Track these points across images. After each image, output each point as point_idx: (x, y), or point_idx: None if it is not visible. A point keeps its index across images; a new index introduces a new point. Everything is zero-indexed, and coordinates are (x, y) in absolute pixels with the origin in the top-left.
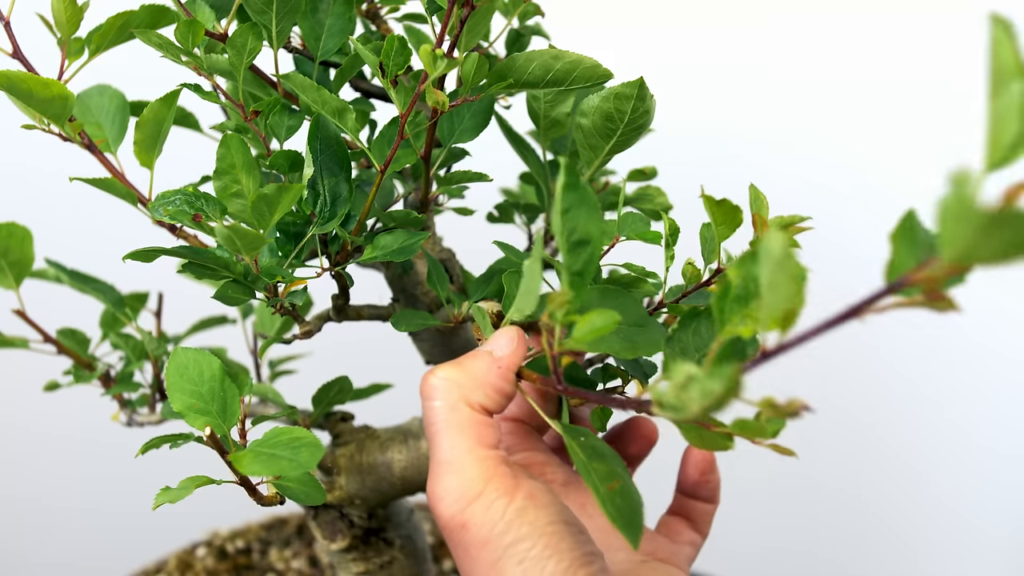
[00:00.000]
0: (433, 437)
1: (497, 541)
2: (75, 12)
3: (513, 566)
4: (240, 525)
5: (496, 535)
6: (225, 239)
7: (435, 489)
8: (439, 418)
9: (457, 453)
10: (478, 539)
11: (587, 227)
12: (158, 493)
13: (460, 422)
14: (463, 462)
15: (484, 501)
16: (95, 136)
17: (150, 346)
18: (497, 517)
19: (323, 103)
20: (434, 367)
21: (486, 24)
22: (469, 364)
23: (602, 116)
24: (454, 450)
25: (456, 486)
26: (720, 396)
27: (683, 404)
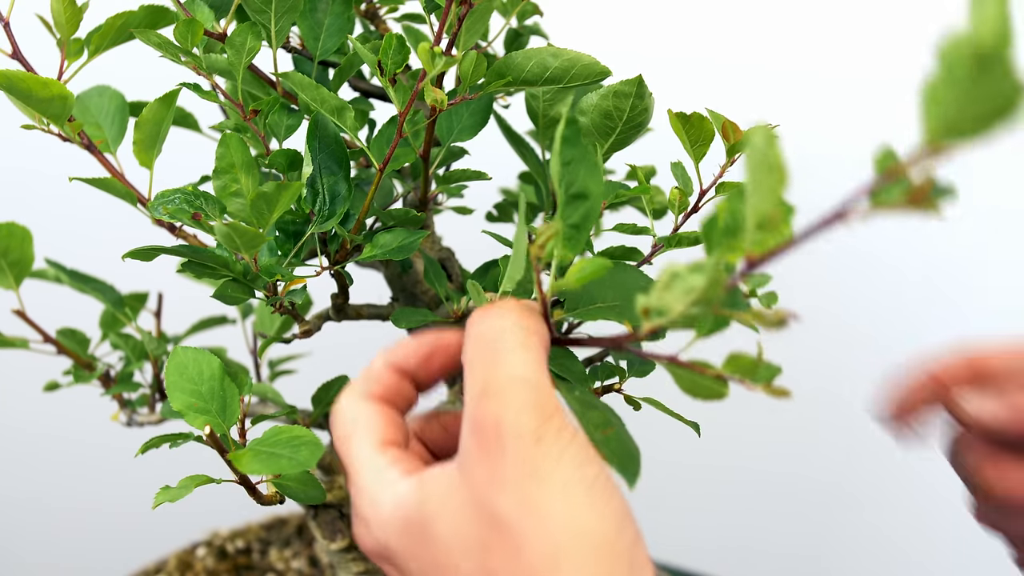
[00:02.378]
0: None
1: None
2: (74, 13)
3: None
4: (240, 525)
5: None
6: (224, 238)
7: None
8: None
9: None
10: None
11: (586, 182)
12: (158, 492)
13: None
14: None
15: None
16: (94, 136)
17: (150, 346)
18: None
19: (322, 102)
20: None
21: (484, 23)
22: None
23: (601, 114)
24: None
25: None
26: (704, 290)
27: (667, 305)
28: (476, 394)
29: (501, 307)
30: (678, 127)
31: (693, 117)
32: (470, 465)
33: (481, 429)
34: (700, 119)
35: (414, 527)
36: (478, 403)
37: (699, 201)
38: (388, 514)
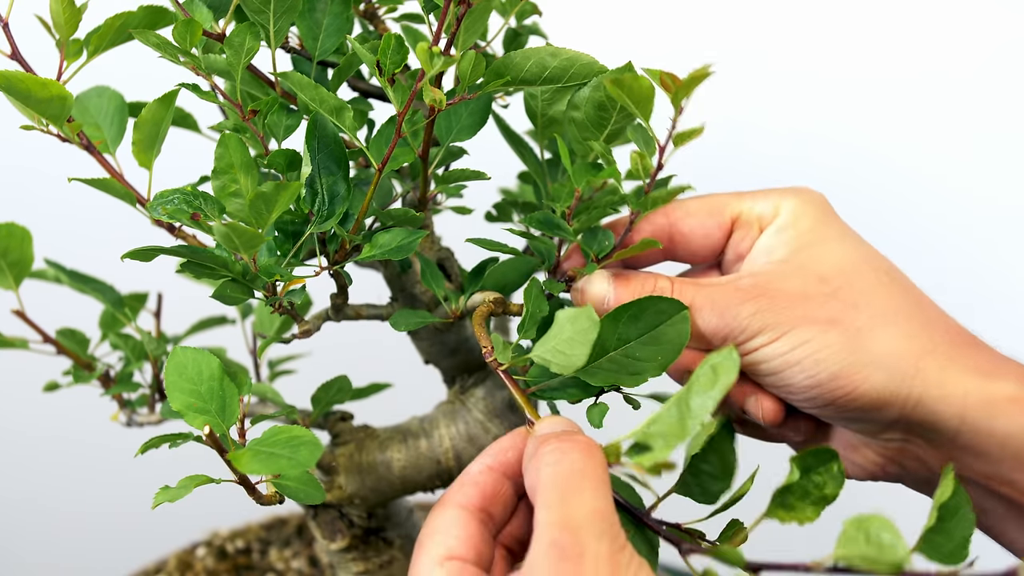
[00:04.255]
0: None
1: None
2: (73, 13)
3: None
4: (240, 525)
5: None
6: (223, 238)
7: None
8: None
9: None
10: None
11: None
12: (157, 492)
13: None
14: None
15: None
16: (94, 137)
17: (149, 346)
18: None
19: (321, 102)
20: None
21: (483, 23)
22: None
23: (594, 106)
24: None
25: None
26: None
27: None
28: (557, 519)
29: (580, 445)
30: (616, 92)
31: (626, 78)
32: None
33: (562, 551)
34: (633, 78)
35: None
36: (560, 528)
37: (661, 158)
38: None
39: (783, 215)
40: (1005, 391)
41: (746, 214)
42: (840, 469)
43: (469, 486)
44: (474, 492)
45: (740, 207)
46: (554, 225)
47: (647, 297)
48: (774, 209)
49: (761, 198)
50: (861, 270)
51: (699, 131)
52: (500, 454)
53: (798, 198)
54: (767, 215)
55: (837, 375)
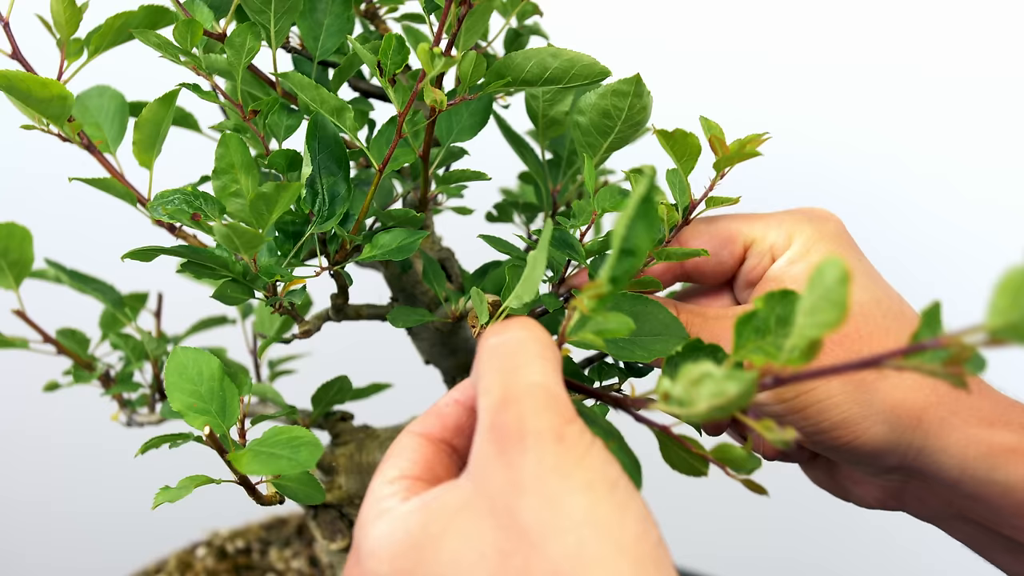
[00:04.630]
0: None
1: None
2: (74, 13)
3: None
4: (240, 525)
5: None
6: (224, 238)
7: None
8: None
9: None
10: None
11: (640, 239)
12: (157, 492)
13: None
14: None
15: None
16: (94, 136)
17: (150, 346)
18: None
19: (322, 102)
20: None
21: (484, 23)
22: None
23: (599, 113)
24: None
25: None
26: (732, 398)
27: (691, 399)
28: (495, 401)
29: (518, 321)
30: (664, 144)
31: (676, 134)
32: (487, 473)
33: (502, 434)
34: (683, 135)
35: (413, 551)
36: (498, 410)
37: (689, 215)
38: (376, 540)
39: (796, 245)
40: (1006, 441)
41: (759, 241)
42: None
43: (431, 416)
44: (435, 422)
45: (753, 233)
46: (568, 245)
47: (650, 301)
48: (787, 238)
49: (774, 225)
50: (870, 314)
51: (734, 201)
52: (468, 388)
53: (812, 227)
54: (780, 244)
55: (839, 425)
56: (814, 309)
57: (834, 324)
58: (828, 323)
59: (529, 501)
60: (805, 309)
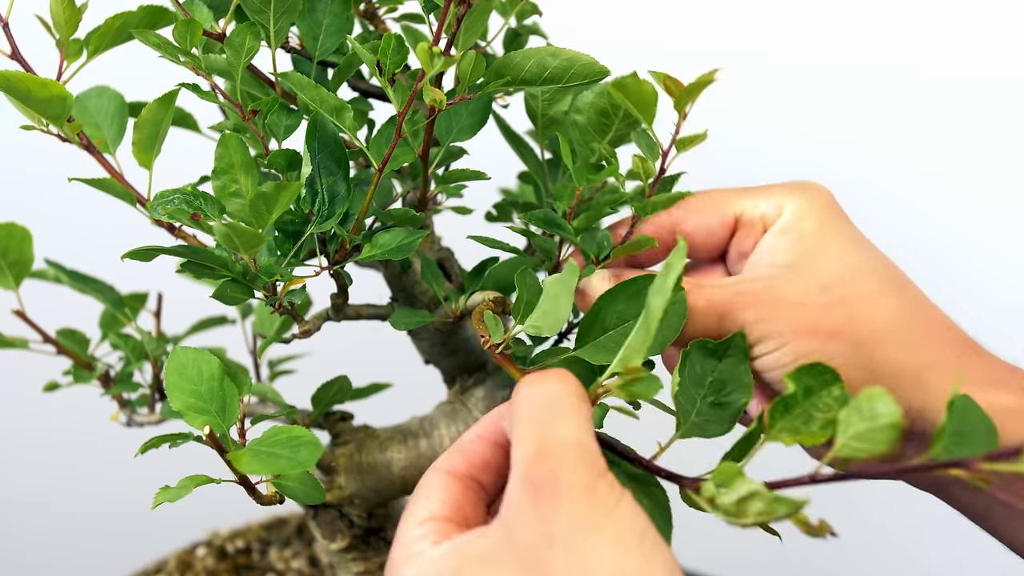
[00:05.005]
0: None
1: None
2: (73, 13)
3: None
4: (240, 525)
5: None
6: (224, 238)
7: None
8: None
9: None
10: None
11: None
12: (157, 492)
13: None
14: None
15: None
16: (94, 137)
17: (149, 346)
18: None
19: (321, 102)
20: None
21: (483, 23)
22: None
23: (597, 111)
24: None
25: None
26: (779, 517)
27: (741, 513)
28: (530, 453)
29: (554, 375)
30: (619, 96)
31: (629, 81)
32: (519, 523)
33: (536, 487)
34: (637, 82)
35: None
36: (533, 462)
37: (664, 163)
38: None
39: (786, 215)
40: (1006, 403)
41: (749, 212)
42: (843, 391)
43: (457, 453)
44: (461, 459)
45: (743, 205)
46: (555, 224)
47: (645, 276)
48: (777, 208)
49: (765, 195)
50: (865, 278)
51: (702, 137)
52: (491, 424)
53: (803, 196)
54: (770, 214)
55: None
56: (860, 436)
57: (876, 454)
58: (872, 453)
59: (559, 555)
60: (850, 430)
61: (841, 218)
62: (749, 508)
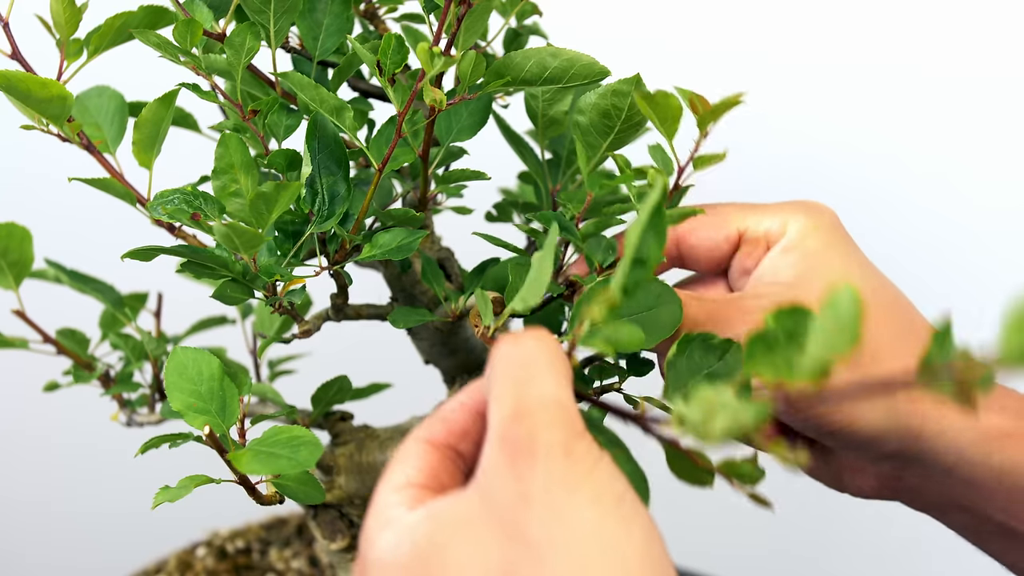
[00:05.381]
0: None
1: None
2: (74, 13)
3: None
4: (240, 525)
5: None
6: (224, 238)
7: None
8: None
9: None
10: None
11: (651, 249)
12: (158, 492)
13: None
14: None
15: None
16: (94, 136)
17: (150, 346)
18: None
19: (321, 102)
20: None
21: (483, 23)
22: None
23: (599, 113)
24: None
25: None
26: (747, 426)
27: (707, 429)
28: (506, 413)
29: (531, 333)
30: (645, 108)
31: (658, 95)
32: (495, 484)
33: (513, 447)
34: (664, 96)
35: (419, 562)
36: (510, 422)
37: (679, 179)
38: (382, 551)
39: (790, 234)
40: (1001, 426)
41: (753, 229)
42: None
43: (437, 421)
44: (440, 427)
45: (748, 221)
46: (564, 227)
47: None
48: (781, 226)
49: (769, 214)
50: (864, 300)
51: (721, 157)
52: (475, 392)
53: (807, 216)
54: (774, 232)
55: (835, 410)
56: (827, 336)
57: (846, 351)
58: (841, 351)
59: (536, 514)
60: (818, 333)
61: (845, 239)
62: (716, 420)
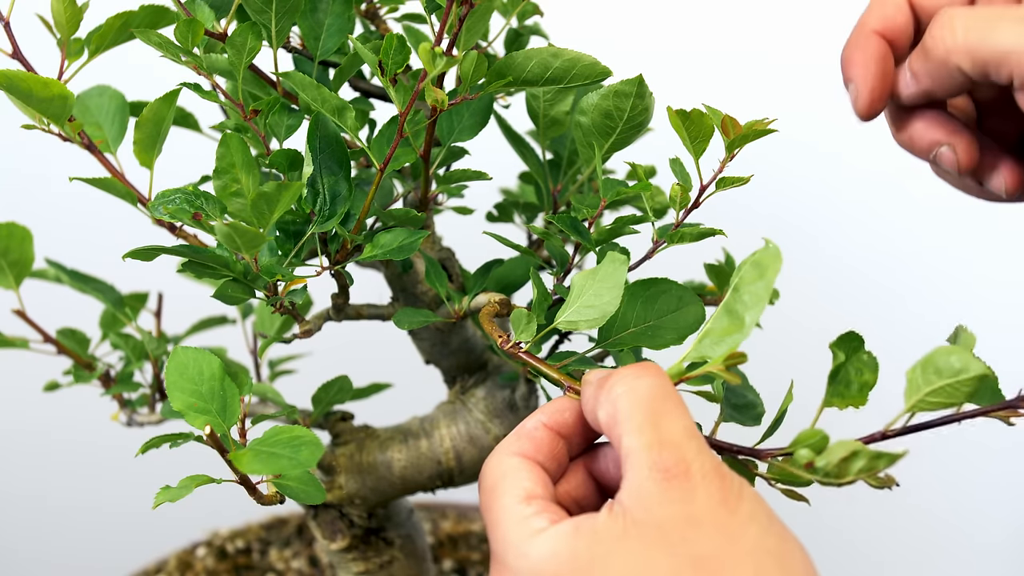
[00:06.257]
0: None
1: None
2: (75, 12)
3: None
4: (240, 525)
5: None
6: (225, 238)
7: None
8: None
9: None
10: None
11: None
12: (158, 492)
13: None
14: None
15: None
16: (95, 136)
17: (150, 346)
18: None
19: (322, 101)
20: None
21: (485, 23)
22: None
23: (601, 114)
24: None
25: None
26: (880, 470)
27: (843, 472)
28: (650, 442)
29: (651, 369)
30: (677, 124)
31: (693, 114)
32: (653, 505)
33: (665, 473)
34: (700, 115)
35: (581, 572)
36: (659, 451)
37: (700, 196)
38: (539, 561)
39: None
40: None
41: None
42: (870, 355)
43: (525, 439)
44: (530, 445)
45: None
46: (578, 231)
47: (662, 280)
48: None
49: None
50: None
51: (745, 180)
52: (555, 413)
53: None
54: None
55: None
56: (938, 391)
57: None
58: (949, 404)
59: (705, 532)
60: (925, 388)
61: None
62: (851, 467)
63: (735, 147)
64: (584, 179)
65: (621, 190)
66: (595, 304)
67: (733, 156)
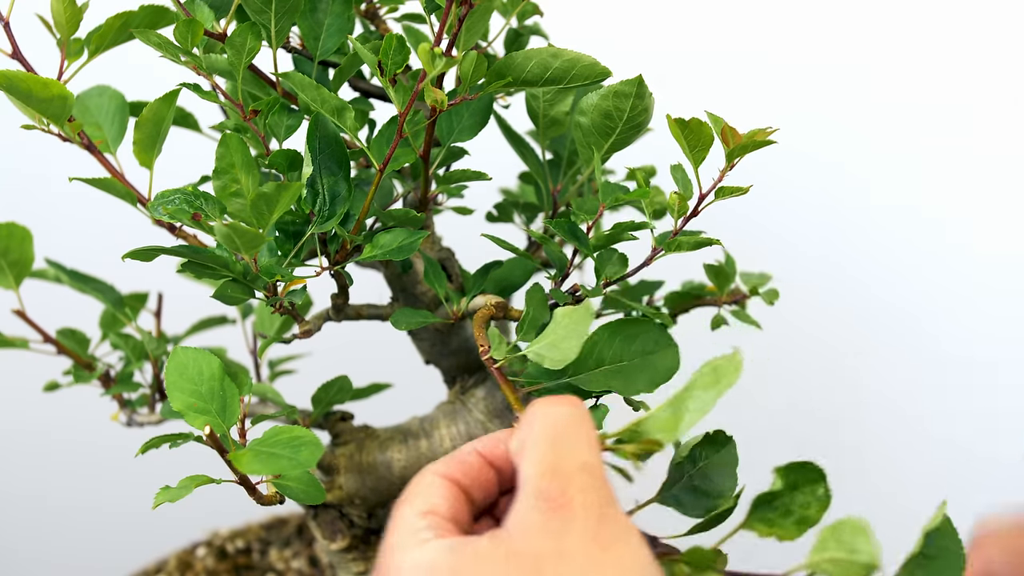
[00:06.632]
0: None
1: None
2: (74, 13)
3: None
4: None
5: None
6: (224, 238)
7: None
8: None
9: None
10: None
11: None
12: (158, 492)
13: None
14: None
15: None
16: (94, 136)
17: (150, 346)
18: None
19: (322, 102)
20: None
21: (484, 23)
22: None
23: (601, 114)
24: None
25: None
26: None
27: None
28: (545, 470)
29: (566, 399)
30: (677, 132)
31: (692, 122)
32: (531, 534)
33: (549, 503)
34: (699, 124)
35: None
36: (549, 479)
37: (698, 205)
38: (413, 569)
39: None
40: None
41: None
42: (826, 492)
43: (454, 462)
44: (457, 468)
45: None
46: (576, 236)
47: (643, 321)
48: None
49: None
50: None
51: (744, 190)
52: (491, 443)
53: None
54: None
55: None
56: (834, 561)
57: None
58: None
59: (569, 568)
60: (827, 553)
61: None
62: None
63: (735, 157)
64: (584, 179)
65: (619, 196)
66: (560, 346)
67: (733, 166)
